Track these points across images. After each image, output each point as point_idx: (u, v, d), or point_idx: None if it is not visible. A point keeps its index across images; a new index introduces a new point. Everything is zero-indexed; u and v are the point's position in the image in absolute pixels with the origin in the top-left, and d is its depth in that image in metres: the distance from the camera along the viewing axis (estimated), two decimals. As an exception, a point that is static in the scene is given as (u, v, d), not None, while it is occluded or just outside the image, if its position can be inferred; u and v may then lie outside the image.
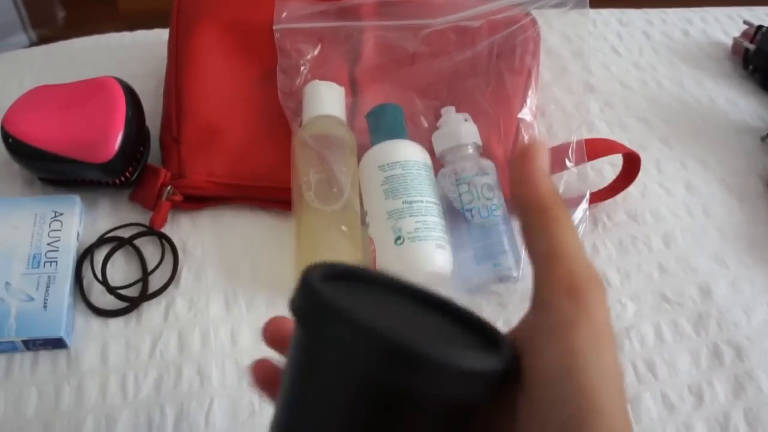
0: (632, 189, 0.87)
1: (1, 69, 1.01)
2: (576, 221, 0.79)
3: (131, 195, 0.83)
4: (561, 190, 0.81)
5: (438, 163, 0.80)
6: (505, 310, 0.77)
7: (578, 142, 0.80)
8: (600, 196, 0.85)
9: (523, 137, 0.81)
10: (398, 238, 0.72)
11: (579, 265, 0.36)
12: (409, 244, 0.71)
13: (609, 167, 0.90)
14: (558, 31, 1.07)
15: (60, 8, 2.21)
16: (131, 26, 1.10)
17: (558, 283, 0.35)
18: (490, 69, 0.86)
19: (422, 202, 0.73)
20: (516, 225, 0.78)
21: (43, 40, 2.07)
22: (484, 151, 0.81)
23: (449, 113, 0.81)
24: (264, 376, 0.44)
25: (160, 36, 1.04)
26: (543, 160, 0.39)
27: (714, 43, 1.11)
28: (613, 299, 0.78)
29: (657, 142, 0.95)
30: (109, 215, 0.83)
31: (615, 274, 0.81)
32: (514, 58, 0.86)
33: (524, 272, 0.76)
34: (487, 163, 0.78)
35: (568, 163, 0.80)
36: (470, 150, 0.79)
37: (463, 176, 0.77)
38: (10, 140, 0.79)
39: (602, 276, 0.80)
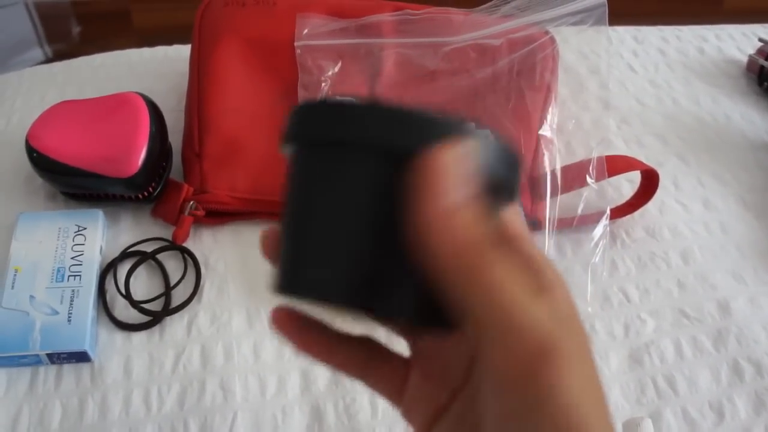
0: (650, 205, 0.87)
1: (22, 84, 1.02)
2: (596, 237, 0.80)
3: (153, 210, 0.84)
4: (581, 207, 0.81)
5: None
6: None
7: (599, 159, 0.81)
8: (619, 212, 0.85)
9: (544, 153, 0.82)
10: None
11: (522, 340, 0.29)
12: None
13: (627, 184, 0.90)
14: (574, 49, 1.08)
15: (75, 24, 2.23)
16: (145, 42, 1.11)
17: (498, 370, 0.29)
18: (510, 86, 0.86)
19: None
20: (538, 241, 0.79)
21: (58, 55, 2.09)
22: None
23: (469, 129, 0.82)
24: (287, 320, 0.38)
25: (180, 52, 1.05)
26: (450, 184, 0.29)
27: (729, 60, 1.12)
28: (632, 315, 0.79)
29: (674, 158, 0.95)
30: (132, 230, 0.84)
31: (634, 290, 0.81)
32: (534, 75, 0.87)
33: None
34: (508, 180, 0.79)
35: (589, 179, 0.80)
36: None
37: (483, 192, 0.77)
38: (35, 155, 0.80)
39: (621, 292, 0.80)
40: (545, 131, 0.84)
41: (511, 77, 0.86)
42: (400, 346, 0.41)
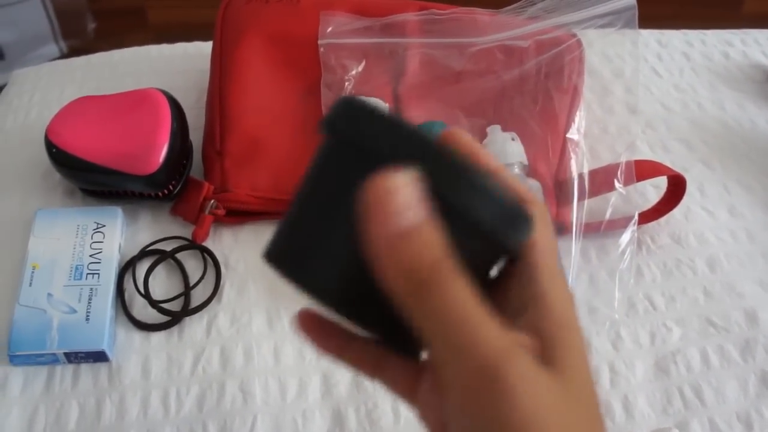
0: (675, 212, 0.86)
1: (41, 79, 1.01)
2: (624, 243, 0.78)
3: (173, 208, 0.83)
4: (609, 212, 0.80)
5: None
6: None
7: (627, 163, 0.79)
8: (644, 218, 0.84)
9: (570, 157, 0.81)
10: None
11: (469, 361, 0.29)
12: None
13: (652, 189, 0.89)
14: (598, 51, 1.06)
15: (90, 20, 2.22)
16: (161, 38, 1.10)
17: (452, 392, 0.30)
18: (537, 88, 0.85)
19: (469, 220, 0.72)
20: (563, 245, 0.78)
21: (73, 51, 2.08)
22: (529, 171, 0.80)
23: (495, 132, 0.80)
24: (310, 322, 0.39)
25: (200, 48, 1.04)
26: (392, 212, 0.30)
27: (754, 65, 1.10)
28: (658, 323, 0.77)
29: (699, 164, 0.94)
30: (150, 228, 0.82)
31: (660, 298, 0.79)
32: (562, 77, 0.85)
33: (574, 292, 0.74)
34: (534, 183, 0.77)
35: (617, 183, 0.79)
36: (516, 169, 0.78)
37: (509, 196, 0.76)
38: (54, 150, 0.78)
39: (647, 299, 0.79)
40: (573, 134, 0.82)
41: (538, 79, 0.85)
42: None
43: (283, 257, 0.35)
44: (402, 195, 0.29)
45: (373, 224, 0.30)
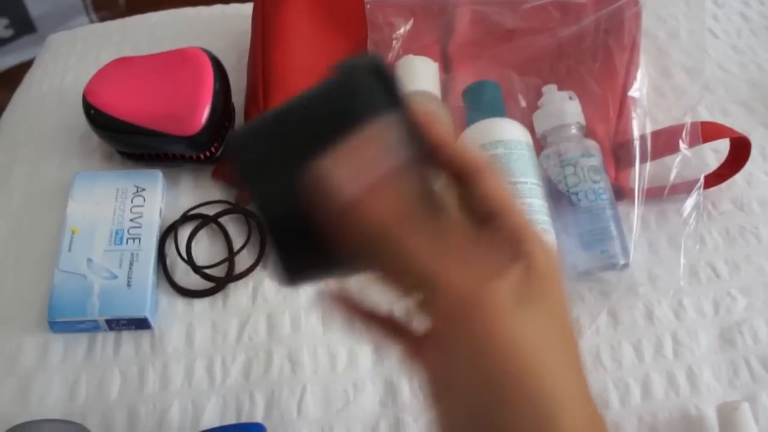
0: (737, 176, 0.81)
1: (76, 43, 0.99)
2: (689, 208, 0.75)
3: (215, 171, 0.80)
4: (674, 175, 0.76)
5: (538, 144, 0.76)
6: (608, 300, 0.72)
7: (693, 124, 0.75)
8: (706, 183, 0.79)
9: (632, 117, 0.77)
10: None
11: (467, 278, 0.34)
12: (513, 228, 0.67)
13: (711, 153, 0.85)
14: (651, 13, 1.01)
15: (122, -9, 2.20)
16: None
17: (455, 306, 0.34)
18: (597, 45, 0.81)
19: (526, 183, 0.69)
20: (622, 210, 0.74)
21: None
22: (587, 132, 0.77)
23: (552, 91, 0.77)
24: (339, 298, 0.44)
25: (239, 10, 1.01)
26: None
27: (815, 25, 1.05)
28: (722, 292, 0.74)
29: (761, 128, 0.89)
30: (192, 192, 0.80)
31: (723, 266, 0.76)
32: (623, 33, 0.81)
33: (633, 260, 0.71)
34: (592, 144, 0.74)
35: (681, 145, 0.75)
36: (574, 130, 0.75)
37: (567, 157, 0.72)
38: (92, 112, 0.76)
39: (710, 267, 0.75)
40: (634, 92, 0.78)
41: (597, 35, 0.81)
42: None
43: (245, 146, 0.39)
44: (343, 170, 0.35)
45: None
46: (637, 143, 0.75)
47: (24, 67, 1.05)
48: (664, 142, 0.75)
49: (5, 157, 0.85)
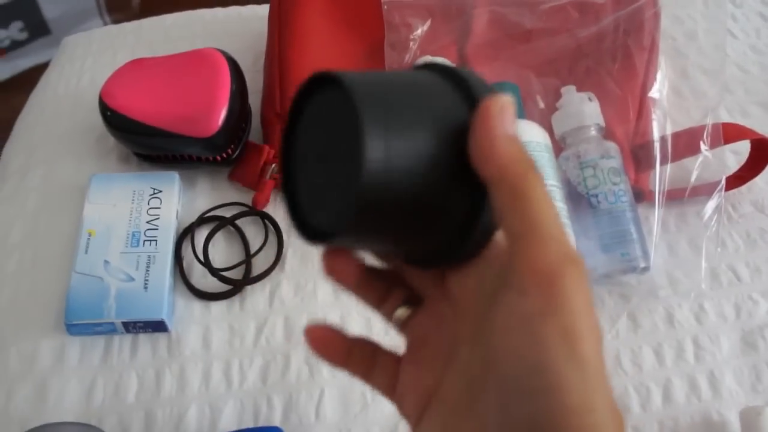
0: (757, 178, 0.80)
1: (92, 44, 0.99)
2: (710, 210, 0.74)
3: (231, 173, 0.79)
4: (695, 177, 0.75)
5: (556, 146, 0.75)
6: (628, 303, 0.72)
7: (714, 125, 0.74)
8: (726, 184, 0.79)
9: (652, 118, 0.76)
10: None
11: (552, 247, 0.33)
12: (533, 230, 0.67)
13: (732, 155, 0.84)
14: (669, 13, 1.01)
15: (136, -7, 2.20)
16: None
17: (528, 268, 0.33)
18: (616, 45, 0.80)
19: (546, 185, 0.68)
20: (642, 213, 0.73)
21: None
22: (605, 133, 0.76)
23: (571, 92, 0.76)
24: (321, 340, 0.43)
25: (256, 11, 1.00)
26: (506, 121, 0.35)
27: (835, 26, 1.04)
28: (743, 295, 0.73)
29: (781, 129, 0.89)
30: (208, 194, 0.79)
31: (744, 269, 0.75)
32: (642, 34, 0.80)
33: (653, 263, 0.70)
34: (611, 146, 0.73)
35: (702, 146, 0.74)
36: (593, 132, 0.74)
37: (587, 159, 0.72)
38: (109, 113, 0.76)
39: (731, 270, 0.74)
40: (654, 93, 0.77)
41: (617, 36, 0.80)
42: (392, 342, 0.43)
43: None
44: (512, 111, 0.35)
45: (492, 125, 0.34)
46: (657, 145, 0.74)
47: (39, 70, 1.05)
48: (685, 143, 0.74)
49: (22, 158, 0.85)
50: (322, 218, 0.35)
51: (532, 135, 0.71)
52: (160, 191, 0.75)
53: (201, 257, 0.73)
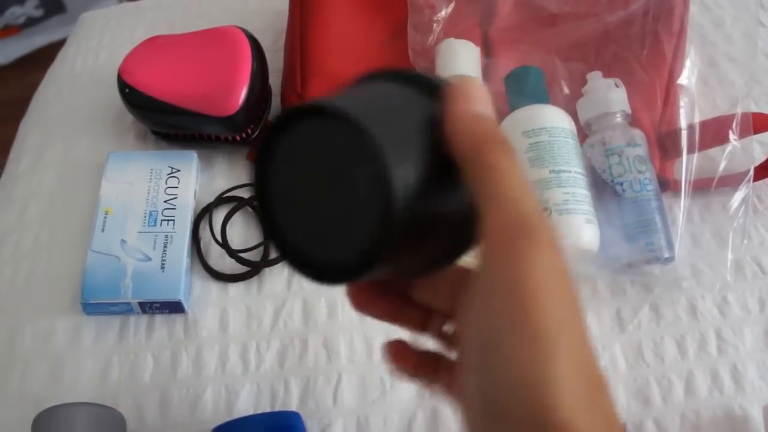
0: (784, 169, 0.79)
1: (110, 21, 0.98)
2: (737, 201, 0.72)
3: (250, 154, 0.78)
4: (723, 166, 0.74)
5: (581, 132, 0.74)
6: (651, 294, 0.70)
7: (743, 115, 0.73)
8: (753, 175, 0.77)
9: (680, 105, 0.74)
10: (544, 209, 0.66)
11: (509, 212, 0.33)
12: (557, 217, 0.65)
13: (757, 146, 0.82)
14: (696, 0, 0.99)
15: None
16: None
17: (484, 236, 0.33)
18: (645, 31, 0.78)
19: (570, 172, 0.67)
20: (667, 203, 0.72)
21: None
22: (631, 120, 0.75)
23: (597, 78, 0.75)
24: (399, 354, 0.44)
25: (275, -10, 0.99)
26: (470, 101, 0.36)
27: None
28: (767, 288, 0.71)
29: (809, 120, 0.87)
30: (227, 174, 0.78)
31: (769, 262, 0.74)
32: (672, 20, 0.79)
33: (678, 253, 0.69)
34: (637, 133, 0.72)
35: (732, 135, 0.72)
36: (619, 119, 0.73)
37: (612, 146, 0.70)
38: (127, 90, 0.75)
39: (755, 262, 0.73)
40: (683, 80, 0.76)
41: (645, 21, 0.79)
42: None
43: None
44: (482, 90, 0.37)
45: (460, 103, 0.35)
46: (684, 133, 0.72)
47: (55, 47, 1.04)
48: (713, 132, 0.73)
49: (38, 136, 0.84)
50: (335, 255, 0.34)
51: (557, 121, 0.69)
52: (178, 170, 0.75)
53: (219, 238, 0.72)
